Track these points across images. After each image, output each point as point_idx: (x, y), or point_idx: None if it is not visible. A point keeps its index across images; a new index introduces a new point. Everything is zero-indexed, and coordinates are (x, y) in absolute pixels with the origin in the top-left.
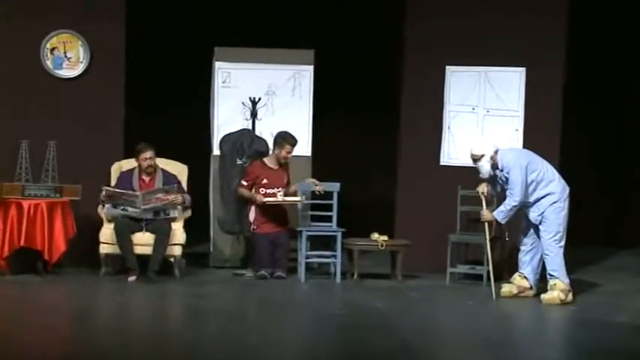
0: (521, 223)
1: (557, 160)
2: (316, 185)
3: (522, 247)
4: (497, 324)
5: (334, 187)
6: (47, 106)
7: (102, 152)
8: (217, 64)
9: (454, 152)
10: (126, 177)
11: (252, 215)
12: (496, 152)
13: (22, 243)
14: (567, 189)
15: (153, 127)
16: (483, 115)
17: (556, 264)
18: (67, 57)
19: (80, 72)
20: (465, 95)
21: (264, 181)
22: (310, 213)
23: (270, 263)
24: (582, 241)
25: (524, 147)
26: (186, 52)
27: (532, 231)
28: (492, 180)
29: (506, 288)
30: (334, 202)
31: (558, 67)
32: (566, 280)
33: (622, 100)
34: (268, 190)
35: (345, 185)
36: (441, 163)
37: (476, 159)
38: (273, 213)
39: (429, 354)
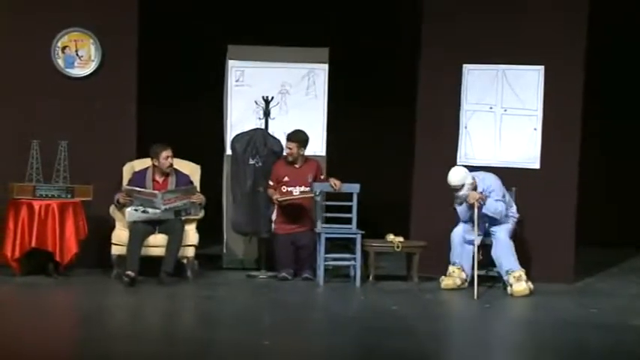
0: (472, 222)
1: (576, 159)
2: (335, 184)
3: (475, 244)
4: (513, 327)
5: (354, 188)
6: (58, 106)
7: (114, 152)
8: (231, 63)
9: (471, 152)
10: (139, 178)
11: (274, 215)
12: (473, 178)
13: (33, 244)
14: None
15: (164, 126)
16: (501, 115)
17: (513, 257)
18: (79, 55)
19: (92, 71)
20: (482, 94)
21: (286, 178)
22: (329, 214)
23: (291, 264)
24: (601, 243)
25: (542, 147)
26: (200, 50)
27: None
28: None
29: (448, 281)
30: (354, 203)
31: (578, 66)
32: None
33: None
34: (290, 189)
35: (360, 185)
36: (458, 163)
37: (457, 189)
38: (293, 213)
39: (445, 357)
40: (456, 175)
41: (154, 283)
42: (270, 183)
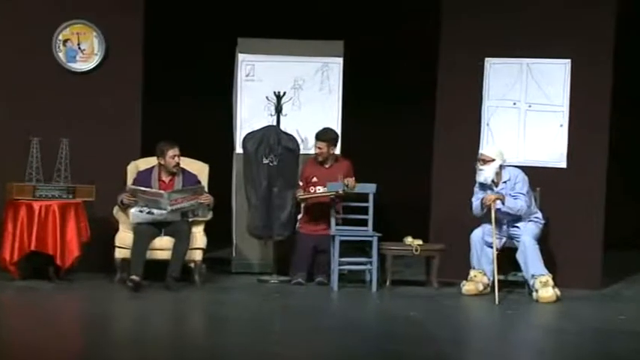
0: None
1: (605, 158)
2: (347, 183)
3: (493, 246)
4: (535, 333)
5: (370, 188)
6: (60, 102)
7: (117, 151)
8: (241, 57)
9: None
10: (143, 177)
11: (300, 215)
12: (501, 167)
13: (32, 247)
14: None
15: (171, 123)
16: (525, 111)
17: (540, 261)
18: (81, 49)
19: (95, 65)
20: (505, 89)
21: (314, 179)
22: (344, 216)
23: (306, 268)
24: (629, 246)
25: (569, 145)
26: (208, 43)
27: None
28: (484, 189)
29: (470, 286)
30: (370, 204)
31: (606, 60)
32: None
33: None
34: (318, 189)
35: (376, 185)
36: None
37: (486, 160)
38: (318, 213)
39: None
40: (491, 148)
41: (159, 288)
42: (300, 183)
